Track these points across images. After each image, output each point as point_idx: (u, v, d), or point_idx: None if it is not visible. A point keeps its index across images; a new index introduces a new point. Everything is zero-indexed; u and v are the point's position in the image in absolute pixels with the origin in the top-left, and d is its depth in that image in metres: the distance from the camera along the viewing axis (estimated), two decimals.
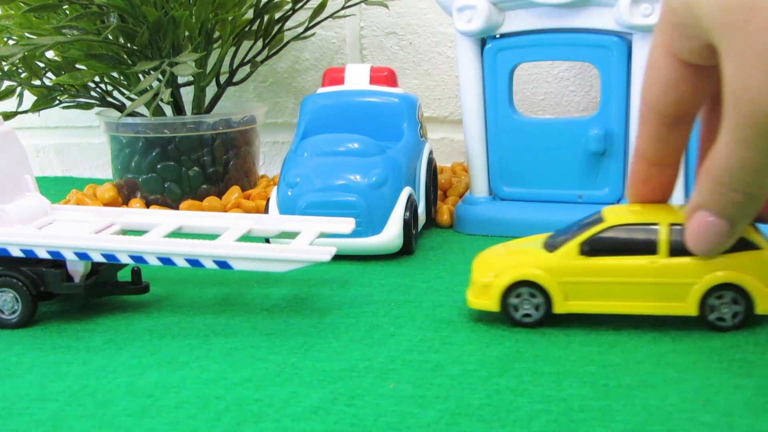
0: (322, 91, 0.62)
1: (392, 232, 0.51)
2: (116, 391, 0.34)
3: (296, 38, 0.72)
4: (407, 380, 0.34)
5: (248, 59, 0.71)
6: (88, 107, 0.70)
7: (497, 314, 0.40)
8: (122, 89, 0.71)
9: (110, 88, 0.71)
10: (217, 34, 0.68)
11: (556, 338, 0.38)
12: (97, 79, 0.70)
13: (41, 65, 0.66)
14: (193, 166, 0.68)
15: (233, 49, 0.72)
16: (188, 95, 0.72)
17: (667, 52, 0.33)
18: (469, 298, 0.40)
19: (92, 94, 0.69)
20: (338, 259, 0.49)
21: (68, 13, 0.63)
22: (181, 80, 0.71)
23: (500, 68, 0.56)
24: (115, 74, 0.69)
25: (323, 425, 0.30)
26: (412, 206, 0.53)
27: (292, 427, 0.30)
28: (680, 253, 0.37)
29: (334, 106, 0.60)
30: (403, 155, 0.56)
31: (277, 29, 0.72)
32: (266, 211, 0.55)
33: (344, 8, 0.71)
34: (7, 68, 0.64)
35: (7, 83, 0.66)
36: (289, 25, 0.72)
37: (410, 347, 0.38)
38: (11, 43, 0.66)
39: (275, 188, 0.55)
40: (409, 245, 0.52)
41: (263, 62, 0.73)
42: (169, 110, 0.73)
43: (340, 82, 0.61)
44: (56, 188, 0.78)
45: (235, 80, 0.72)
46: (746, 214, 0.34)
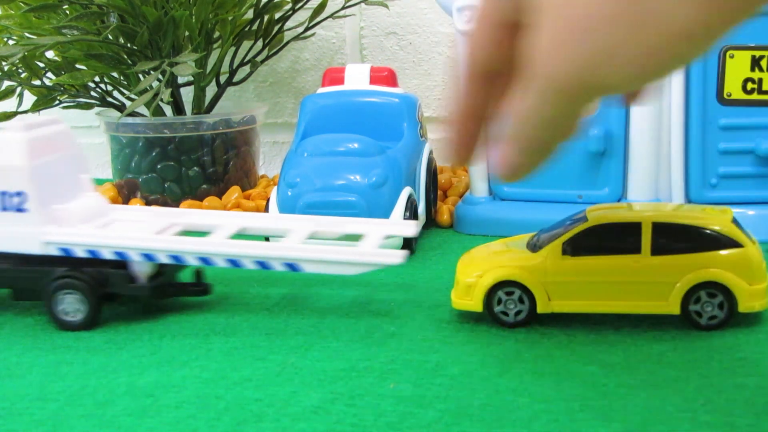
0: (322, 91, 0.61)
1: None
2: (116, 391, 0.34)
3: (296, 38, 0.72)
4: (407, 380, 0.34)
5: (248, 59, 0.71)
6: (88, 107, 0.70)
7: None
8: (122, 89, 0.71)
9: (110, 88, 0.71)
10: (217, 34, 0.68)
11: (556, 338, 0.38)
12: (97, 79, 0.70)
13: (41, 65, 0.66)
14: (193, 166, 0.68)
15: (233, 49, 0.72)
16: (188, 95, 0.72)
17: (492, 10, 0.32)
18: (453, 298, 0.40)
19: (92, 94, 0.69)
20: None
21: (68, 13, 0.63)
22: (181, 80, 0.71)
23: None
24: (115, 74, 0.69)
25: (323, 425, 0.30)
26: (412, 206, 0.53)
27: (291, 426, 0.30)
28: (663, 251, 0.38)
29: (334, 106, 0.60)
30: (403, 155, 0.56)
31: (277, 29, 0.72)
32: (266, 211, 0.55)
33: (344, 8, 0.71)
34: (7, 68, 0.64)
35: (7, 83, 0.66)
36: (289, 25, 0.72)
37: (410, 347, 0.38)
38: (11, 43, 0.66)
39: (275, 188, 0.55)
40: (409, 245, 0.52)
41: (263, 62, 0.73)
42: (169, 110, 0.73)
43: (340, 82, 0.61)
44: None
45: (235, 80, 0.72)
46: (537, 155, 0.33)
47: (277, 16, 0.71)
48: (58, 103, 0.68)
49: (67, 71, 0.64)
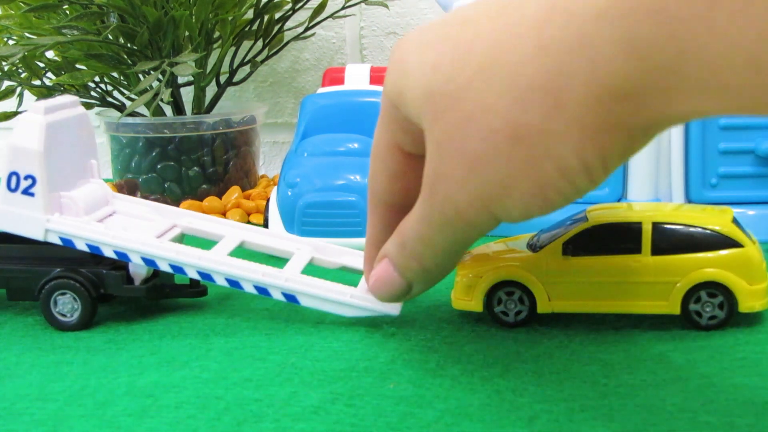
0: (322, 91, 0.62)
1: None
2: (116, 391, 0.34)
3: (296, 38, 0.72)
4: (407, 380, 0.34)
5: (248, 59, 0.71)
6: (88, 107, 0.70)
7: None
8: (122, 89, 0.71)
9: (110, 88, 0.71)
10: (217, 34, 0.68)
11: (556, 338, 0.38)
12: (97, 79, 0.70)
13: (41, 65, 0.66)
14: (193, 166, 0.68)
15: (233, 49, 0.72)
16: (188, 95, 0.72)
17: (390, 143, 0.32)
18: (453, 298, 0.40)
19: (92, 94, 0.69)
20: None
21: (68, 13, 0.63)
22: (181, 80, 0.71)
23: None
24: (115, 74, 0.69)
25: (323, 425, 0.30)
26: None
27: (291, 426, 0.30)
28: (663, 251, 0.38)
29: (334, 106, 0.60)
30: None
31: (277, 29, 0.72)
32: (266, 211, 0.55)
33: (344, 8, 0.71)
34: (7, 68, 0.64)
35: (7, 83, 0.66)
36: (289, 25, 0.72)
37: (410, 347, 0.37)
38: (11, 43, 0.66)
39: (275, 188, 0.55)
40: None
41: (263, 62, 0.73)
42: (169, 110, 0.73)
43: (340, 82, 0.61)
44: None
45: (235, 80, 0.72)
46: (422, 281, 0.34)
47: (277, 16, 0.71)
48: None
49: (67, 71, 0.64)
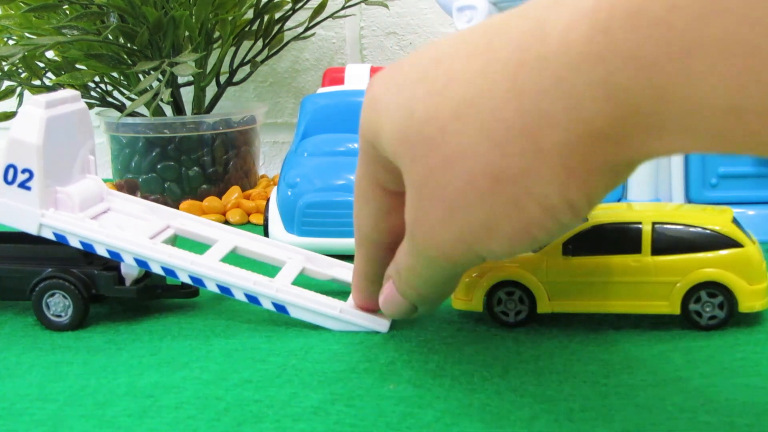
0: (322, 91, 0.61)
1: None
2: (116, 391, 0.34)
3: (296, 38, 0.72)
4: (407, 381, 0.34)
5: (248, 59, 0.71)
6: (88, 107, 0.70)
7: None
8: (122, 89, 0.71)
9: (110, 88, 0.71)
10: (217, 34, 0.68)
11: (556, 338, 0.38)
12: (97, 79, 0.70)
13: (41, 65, 0.66)
14: (193, 166, 0.68)
15: (233, 49, 0.72)
16: (188, 95, 0.72)
17: (372, 182, 0.32)
18: (453, 298, 0.40)
19: (92, 94, 0.69)
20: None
21: (68, 13, 0.63)
22: (181, 80, 0.71)
23: None
24: (115, 74, 0.69)
25: (323, 426, 0.30)
26: None
27: (292, 427, 0.30)
28: (663, 251, 0.38)
29: (334, 106, 0.60)
30: None
31: (277, 29, 0.72)
32: (266, 210, 0.55)
33: (344, 8, 0.71)
34: (7, 68, 0.64)
35: (7, 83, 0.66)
36: (289, 25, 0.72)
37: (410, 348, 0.37)
38: (11, 43, 0.66)
39: (275, 188, 0.55)
40: None
41: (263, 62, 0.73)
42: (169, 110, 0.73)
43: (340, 82, 0.61)
44: None
45: (235, 80, 0.72)
46: (422, 304, 0.35)
47: (277, 16, 0.71)
48: None
49: (67, 71, 0.64)
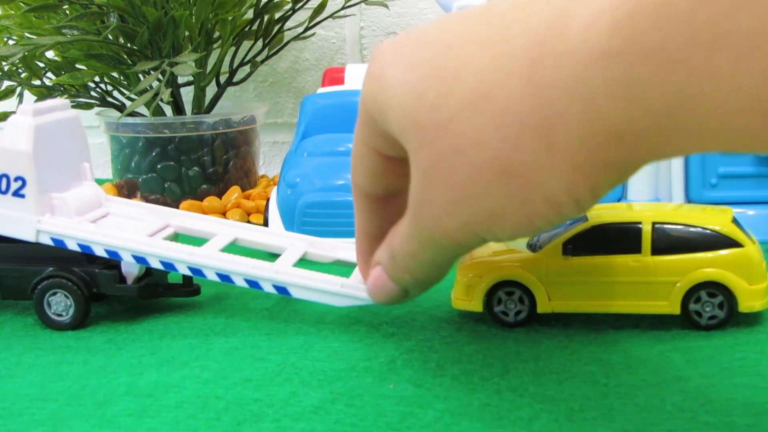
0: (322, 91, 0.62)
1: None
2: (116, 391, 0.34)
3: (296, 38, 0.72)
4: (407, 380, 0.34)
5: (248, 59, 0.71)
6: (88, 107, 0.70)
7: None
8: (122, 89, 0.71)
9: (110, 88, 0.71)
10: (217, 34, 0.68)
11: (556, 338, 0.38)
12: (97, 79, 0.70)
13: (41, 65, 0.66)
14: (193, 166, 0.68)
15: (233, 49, 0.72)
16: (188, 95, 0.72)
17: (369, 147, 0.32)
18: (453, 298, 0.40)
19: (92, 94, 0.69)
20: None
21: (68, 13, 0.63)
22: (181, 80, 0.71)
23: None
24: (115, 74, 0.69)
25: (323, 425, 0.30)
26: None
27: (291, 426, 0.30)
28: (663, 251, 0.38)
29: (334, 106, 0.60)
30: None
31: (277, 29, 0.72)
32: (266, 210, 0.55)
33: (344, 8, 0.71)
34: (7, 68, 0.64)
35: (7, 83, 0.66)
36: (289, 25, 0.72)
37: (410, 347, 0.38)
38: (11, 43, 0.66)
39: (275, 188, 0.55)
40: None
41: (263, 62, 0.73)
42: (169, 110, 0.73)
43: (340, 82, 0.61)
44: None
45: (235, 80, 0.72)
46: (415, 287, 0.35)
47: (277, 16, 0.71)
48: None
49: (67, 71, 0.64)
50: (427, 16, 0.78)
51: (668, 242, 0.38)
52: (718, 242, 0.37)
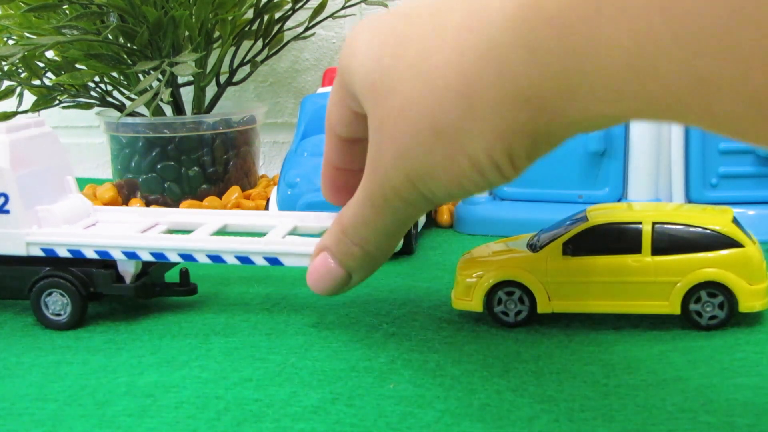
0: (322, 91, 0.62)
1: None
2: (116, 391, 0.34)
3: (296, 38, 0.72)
4: (407, 380, 0.34)
5: (248, 59, 0.71)
6: (88, 107, 0.70)
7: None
8: (122, 89, 0.71)
9: (110, 88, 0.71)
10: (217, 34, 0.68)
11: (556, 338, 0.38)
12: (97, 79, 0.70)
13: (41, 65, 0.66)
14: (193, 166, 0.68)
15: (233, 49, 0.72)
16: (188, 95, 0.72)
17: (342, 102, 0.35)
18: (453, 298, 0.40)
19: (92, 94, 0.69)
20: None
21: (68, 13, 0.63)
22: (181, 80, 0.71)
23: None
24: (115, 74, 0.69)
25: (323, 425, 0.30)
26: None
27: (291, 426, 0.30)
28: (663, 251, 0.38)
29: None
30: None
31: (277, 29, 0.72)
32: (266, 210, 0.54)
33: (344, 8, 0.71)
34: (7, 68, 0.64)
35: (7, 83, 0.66)
36: (289, 25, 0.72)
37: (410, 347, 0.37)
38: (11, 43, 0.66)
39: (275, 188, 0.55)
40: (409, 245, 0.52)
41: (263, 62, 0.73)
42: (169, 110, 0.73)
43: None
44: None
45: (235, 80, 0.72)
46: (363, 268, 0.36)
47: (277, 16, 0.71)
48: (58, 103, 0.68)
49: (67, 71, 0.64)
50: None
51: (668, 242, 0.38)
52: (718, 242, 0.37)
